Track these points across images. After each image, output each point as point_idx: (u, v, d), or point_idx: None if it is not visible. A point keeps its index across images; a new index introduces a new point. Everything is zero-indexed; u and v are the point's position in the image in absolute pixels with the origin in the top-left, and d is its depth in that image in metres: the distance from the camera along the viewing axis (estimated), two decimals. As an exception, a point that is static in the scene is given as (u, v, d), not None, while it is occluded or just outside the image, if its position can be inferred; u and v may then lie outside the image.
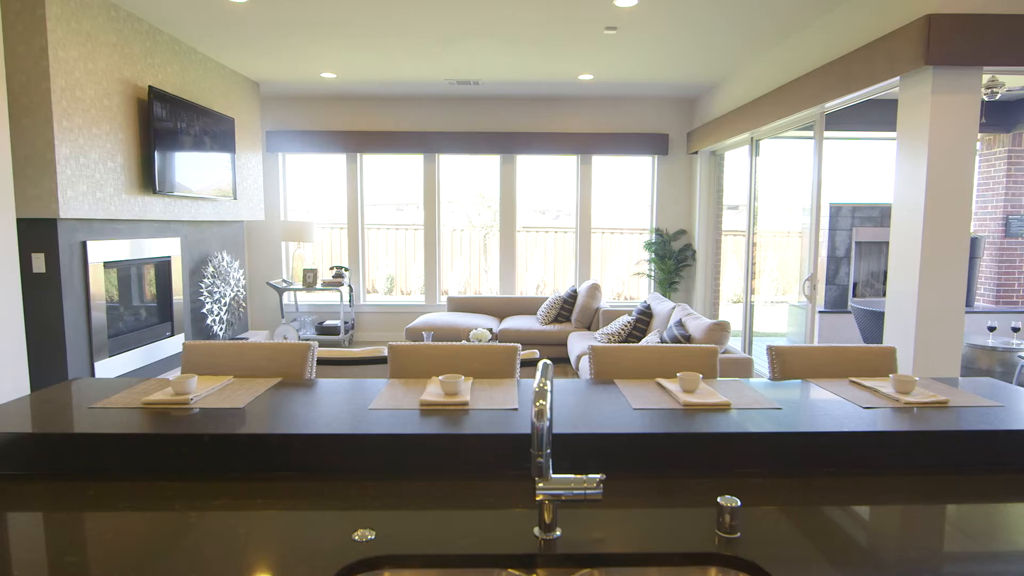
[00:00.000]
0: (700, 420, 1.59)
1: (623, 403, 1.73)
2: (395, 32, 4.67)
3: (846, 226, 7.06)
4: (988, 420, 1.60)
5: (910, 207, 3.38)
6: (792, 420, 1.59)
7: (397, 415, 1.62)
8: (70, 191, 3.72)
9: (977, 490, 1.40)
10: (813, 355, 2.19)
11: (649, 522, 1.24)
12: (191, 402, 1.70)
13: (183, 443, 1.47)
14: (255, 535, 1.18)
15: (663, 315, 5.14)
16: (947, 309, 3.33)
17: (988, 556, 1.12)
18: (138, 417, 1.59)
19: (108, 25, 4.06)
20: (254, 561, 1.09)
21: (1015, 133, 6.87)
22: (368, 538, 1.17)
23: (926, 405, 1.72)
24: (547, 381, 1.01)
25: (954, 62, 3.16)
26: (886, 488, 1.40)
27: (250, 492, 1.36)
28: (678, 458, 1.49)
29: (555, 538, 1.18)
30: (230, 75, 5.84)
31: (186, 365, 2.17)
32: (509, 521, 1.24)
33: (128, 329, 4.50)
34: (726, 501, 1.19)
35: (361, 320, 7.37)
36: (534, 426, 0.96)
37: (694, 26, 4.51)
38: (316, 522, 1.23)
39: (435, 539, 1.17)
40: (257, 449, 1.47)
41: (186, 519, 1.24)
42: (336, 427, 1.51)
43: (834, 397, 1.81)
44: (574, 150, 7.09)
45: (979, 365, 5.44)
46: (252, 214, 6.37)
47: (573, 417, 1.60)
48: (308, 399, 1.76)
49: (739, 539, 1.17)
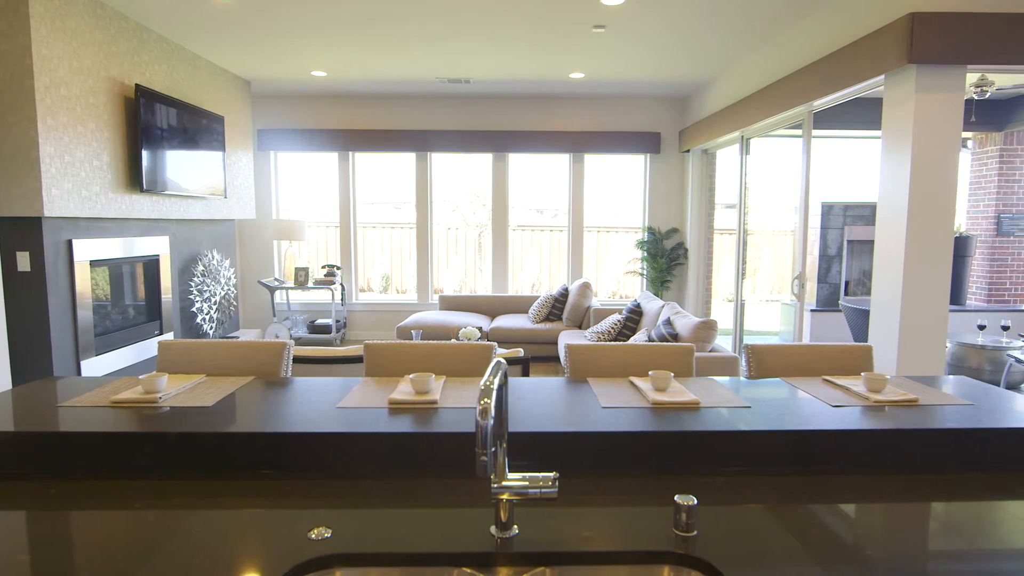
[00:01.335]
0: (667, 419, 1.59)
1: (593, 402, 1.73)
2: (384, 30, 4.67)
3: (838, 225, 7.06)
4: (956, 419, 1.60)
5: (894, 206, 3.38)
6: (759, 419, 1.59)
7: (364, 413, 1.61)
8: (55, 189, 3.71)
9: (942, 488, 1.40)
10: (790, 353, 2.19)
11: (609, 520, 1.24)
12: (159, 401, 1.70)
13: (148, 442, 1.47)
14: (210, 534, 1.18)
15: (652, 314, 5.14)
16: (931, 308, 3.33)
17: (948, 554, 1.12)
18: (105, 416, 1.59)
19: (94, 23, 4.05)
20: (204, 560, 1.09)
21: (1007, 132, 6.88)
22: (324, 537, 1.17)
23: (896, 404, 1.72)
24: (494, 380, 1.01)
25: (938, 60, 3.15)
26: (850, 486, 1.40)
27: (211, 491, 1.36)
28: (643, 456, 1.49)
29: (511, 536, 1.17)
30: (220, 73, 5.83)
31: (161, 364, 2.16)
32: (468, 520, 1.24)
33: (115, 328, 4.49)
34: (683, 500, 1.18)
35: (353, 319, 7.36)
36: (478, 425, 0.96)
37: (683, 24, 4.50)
38: (274, 521, 1.23)
39: (391, 538, 1.17)
40: (221, 448, 1.47)
41: (143, 518, 1.24)
42: (301, 426, 1.51)
43: (805, 395, 1.81)
44: (566, 148, 7.09)
45: (969, 363, 5.44)
46: (243, 212, 6.36)
47: (541, 416, 1.60)
48: (278, 398, 1.76)
49: (695, 537, 1.17)
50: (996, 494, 1.37)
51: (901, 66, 3.21)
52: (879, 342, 3.53)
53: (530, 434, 1.48)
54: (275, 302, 7.03)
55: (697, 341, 4.15)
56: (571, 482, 1.41)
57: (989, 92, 5.42)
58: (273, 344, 2.15)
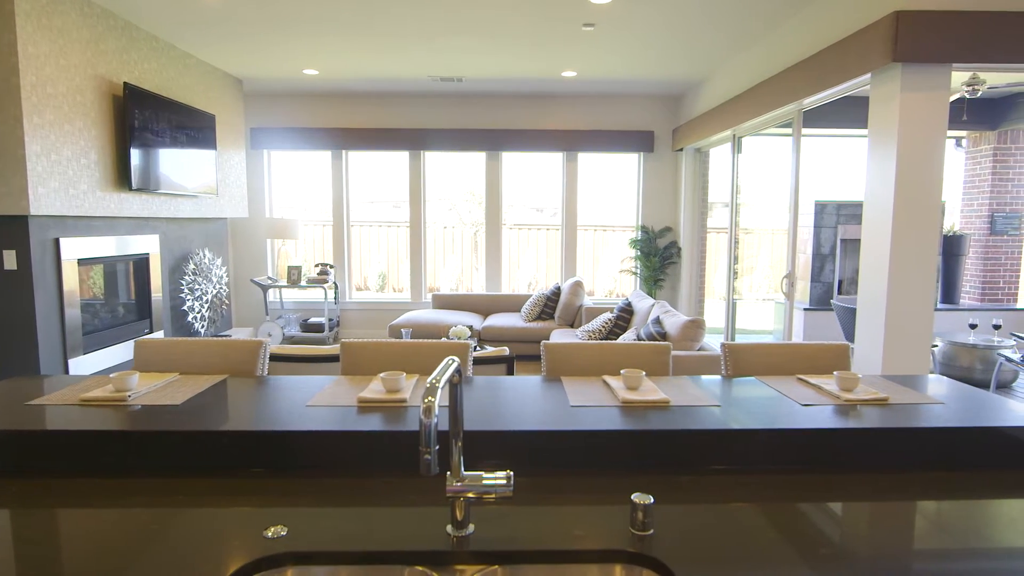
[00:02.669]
0: (634, 418, 1.59)
1: (563, 400, 1.72)
2: (375, 28, 4.66)
3: (831, 223, 7.05)
4: (923, 418, 1.60)
5: (880, 205, 3.38)
6: (727, 418, 1.59)
7: (333, 412, 1.61)
8: (41, 188, 3.71)
9: (905, 488, 1.39)
10: (766, 352, 2.19)
11: (567, 519, 1.24)
12: (129, 399, 1.70)
13: (112, 440, 1.47)
14: (165, 532, 1.18)
15: (643, 312, 5.13)
16: (916, 307, 3.32)
17: (905, 553, 1.12)
18: (71, 414, 1.58)
19: (81, 21, 4.04)
20: (153, 559, 1.09)
21: (1000, 131, 6.87)
22: (280, 535, 1.17)
23: (866, 403, 1.72)
24: (440, 377, 1.00)
25: (923, 59, 3.15)
26: (814, 486, 1.40)
27: (173, 489, 1.36)
28: (607, 455, 1.49)
29: (467, 535, 1.17)
30: (211, 72, 5.82)
31: (138, 362, 2.16)
32: (427, 518, 1.24)
33: (104, 326, 4.49)
34: (640, 498, 1.18)
35: (347, 317, 7.36)
36: (421, 423, 0.96)
37: (672, 22, 4.50)
38: (231, 519, 1.23)
39: (347, 536, 1.17)
40: (185, 447, 1.47)
41: (100, 517, 1.24)
42: (267, 424, 1.51)
43: (777, 394, 1.81)
44: (560, 147, 7.08)
45: (960, 362, 5.44)
46: (235, 211, 6.36)
47: (508, 414, 1.60)
48: (249, 396, 1.76)
49: (652, 536, 1.17)
50: (960, 494, 1.37)
51: (886, 64, 3.20)
52: (865, 341, 3.53)
53: (495, 433, 1.48)
54: (268, 301, 7.03)
55: (685, 340, 4.15)
56: (534, 480, 1.41)
57: (981, 91, 5.41)
58: (249, 342, 2.15)
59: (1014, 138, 6.88)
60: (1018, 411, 1.64)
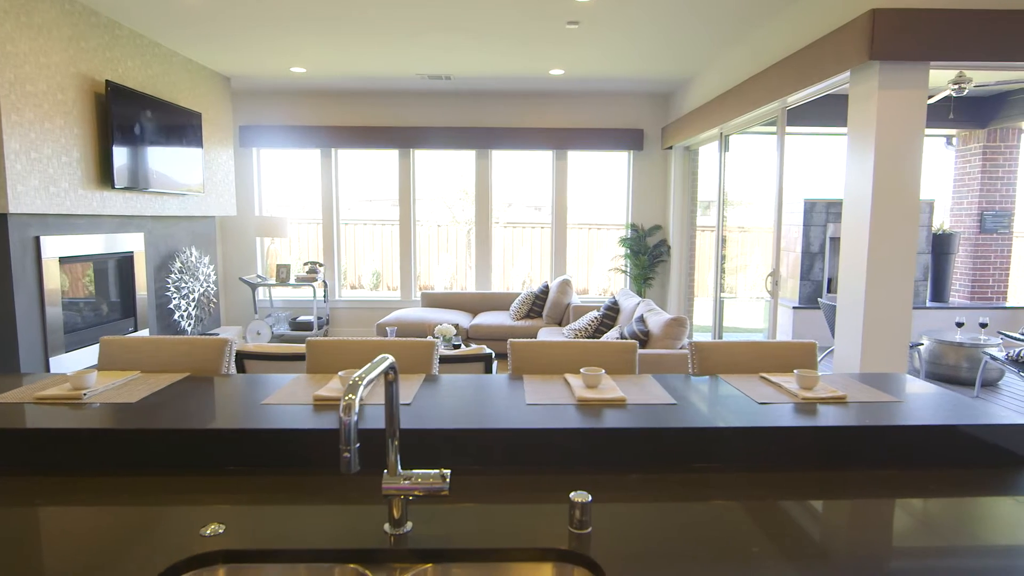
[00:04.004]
0: (587, 416, 1.58)
1: (520, 399, 1.72)
2: (357, 25, 4.65)
3: (820, 222, 7.05)
4: (876, 416, 1.60)
5: (859, 203, 3.38)
6: (681, 416, 1.59)
7: (287, 410, 1.61)
8: (20, 186, 3.70)
9: (853, 486, 1.39)
10: (733, 350, 2.19)
11: (509, 517, 1.24)
12: (84, 397, 1.69)
13: (60, 439, 1.47)
14: (104, 531, 1.17)
15: (628, 311, 5.13)
16: (894, 305, 3.32)
17: (847, 551, 1.12)
18: (23, 412, 1.58)
19: (62, 19, 4.03)
20: (87, 558, 1.08)
21: (990, 129, 6.86)
22: (218, 533, 1.17)
23: (824, 401, 1.72)
24: (365, 376, 1.00)
25: (900, 57, 3.14)
26: (763, 484, 1.40)
27: (118, 487, 1.36)
28: (557, 454, 1.49)
29: (404, 533, 1.17)
30: (197, 69, 5.81)
31: (103, 360, 2.16)
32: (369, 516, 1.24)
33: (87, 324, 4.49)
34: (578, 497, 1.18)
35: (336, 316, 7.36)
36: (341, 421, 0.96)
37: (657, 20, 4.49)
38: (172, 517, 1.23)
39: (285, 534, 1.17)
40: (134, 445, 1.46)
41: (38, 515, 1.23)
42: (218, 422, 1.51)
43: (736, 392, 1.81)
44: (549, 145, 7.07)
45: (947, 361, 5.44)
46: (223, 209, 6.35)
47: (460, 413, 1.59)
48: (207, 394, 1.76)
49: (589, 535, 1.17)
50: (908, 492, 1.36)
51: (863, 62, 3.20)
52: (844, 340, 3.53)
53: (442, 431, 1.48)
54: (257, 299, 7.03)
55: (667, 338, 4.15)
56: (481, 479, 1.41)
57: (968, 88, 5.41)
58: (214, 340, 2.15)
59: (1004, 136, 6.87)
60: (974, 410, 1.64)
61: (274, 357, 2.82)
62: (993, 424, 1.53)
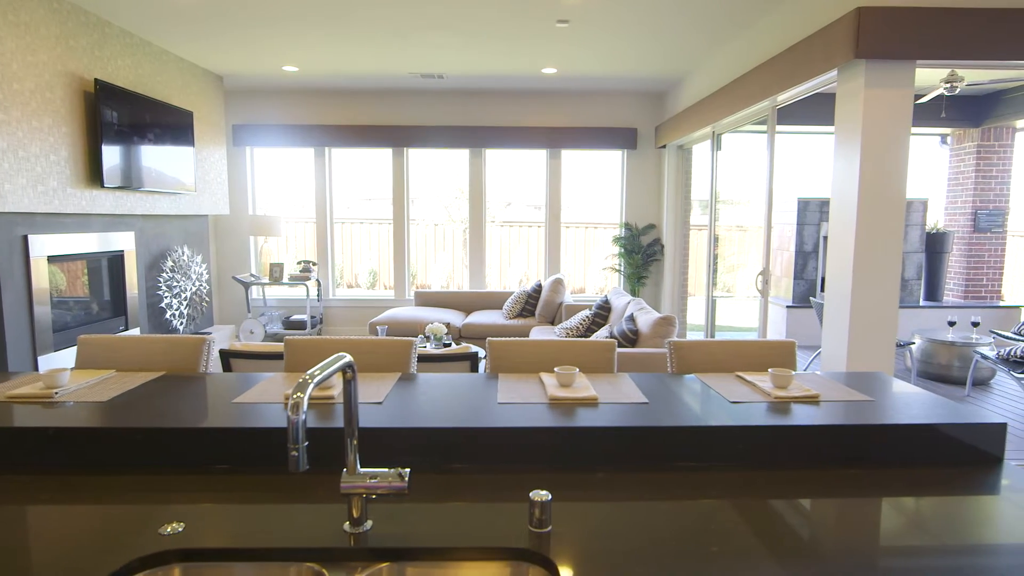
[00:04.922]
0: (557, 415, 1.58)
1: (492, 398, 1.72)
2: (352, 25, 4.64)
3: (814, 221, 7.04)
4: (847, 415, 1.59)
5: (846, 202, 3.37)
6: (652, 415, 1.59)
7: (257, 408, 1.61)
8: (7, 184, 3.70)
9: (818, 484, 1.39)
10: (712, 350, 2.18)
11: (470, 516, 1.24)
12: (55, 396, 1.69)
13: (26, 437, 1.46)
14: (61, 530, 1.17)
15: (619, 310, 5.13)
16: (880, 304, 3.32)
17: (809, 549, 1.12)
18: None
19: (50, 17, 4.03)
20: (41, 557, 1.08)
21: (984, 128, 6.85)
22: (177, 531, 1.16)
23: (796, 400, 1.72)
24: (317, 375, 1.00)
25: (886, 55, 3.14)
26: (730, 483, 1.39)
27: (81, 486, 1.35)
28: (523, 452, 1.49)
29: (363, 532, 1.17)
30: (189, 68, 5.81)
31: (81, 359, 2.16)
32: (329, 515, 1.24)
33: (76, 323, 4.49)
34: (537, 496, 1.18)
35: (330, 315, 7.36)
36: (288, 419, 0.95)
37: (647, 19, 4.48)
38: (130, 516, 1.22)
39: (243, 532, 1.17)
40: (99, 443, 1.46)
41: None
42: (185, 421, 1.50)
43: (710, 391, 1.81)
44: (543, 144, 7.06)
45: (938, 360, 5.43)
46: (216, 208, 6.35)
47: (429, 412, 1.59)
48: (179, 393, 1.75)
49: (548, 534, 1.17)
50: (872, 490, 1.36)
51: (850, 61, 3.19)
52: (831, 339, 3.52)
53: (408, 430, 1.48)
54: (251, 298, 7.02)
55: (656, 337, 4.14)
56: (445, 477, 1.40)
57: (960, 87, 5.40)
58: (192, 339, 2.15)
59: (998, 135, 6.87)
60: (946, 410, 1.64)
61: (260, 356, 2.82)
62: (963, 423, 1.53)
